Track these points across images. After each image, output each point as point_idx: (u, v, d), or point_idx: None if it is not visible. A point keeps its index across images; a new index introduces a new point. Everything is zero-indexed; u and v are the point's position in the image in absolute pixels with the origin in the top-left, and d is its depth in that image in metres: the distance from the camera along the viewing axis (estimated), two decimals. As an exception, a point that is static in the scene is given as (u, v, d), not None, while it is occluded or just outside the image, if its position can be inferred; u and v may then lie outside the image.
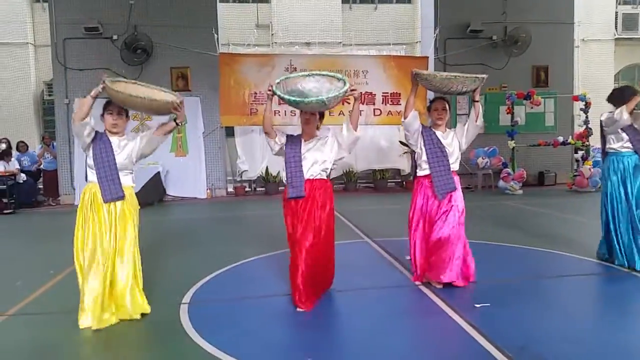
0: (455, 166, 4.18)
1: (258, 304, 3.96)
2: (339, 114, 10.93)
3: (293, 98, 3.54)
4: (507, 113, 11.81)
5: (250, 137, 12.53)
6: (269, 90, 3.65)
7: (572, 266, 4.86)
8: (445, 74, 3.93)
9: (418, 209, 4.20)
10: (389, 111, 12.06)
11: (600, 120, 4.84)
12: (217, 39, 11.38)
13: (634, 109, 4.59)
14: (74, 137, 3.38)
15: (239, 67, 11.38)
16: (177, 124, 3.74)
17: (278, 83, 3.67)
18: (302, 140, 3.92)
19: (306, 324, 3.47)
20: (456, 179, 4.18)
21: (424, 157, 4.14)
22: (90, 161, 3.59)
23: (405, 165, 13.31)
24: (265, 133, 3.90)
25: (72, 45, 11.17)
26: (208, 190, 11.84)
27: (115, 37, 11.07)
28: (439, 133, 4.19)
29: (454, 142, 4.20)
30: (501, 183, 11.20)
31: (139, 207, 3.76)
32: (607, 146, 4.83)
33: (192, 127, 11.65)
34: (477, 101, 4.11)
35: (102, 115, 3.67)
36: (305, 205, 3.77)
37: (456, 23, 12.29)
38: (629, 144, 4.69)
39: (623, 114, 4.50)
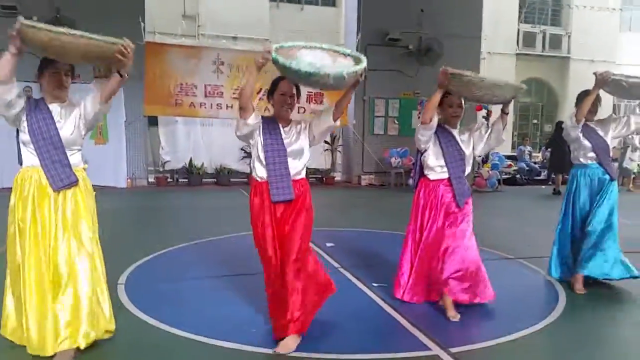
0: (468, 170, 3.75)
1: (194, 284, 4.28)
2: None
3: (305, 69, 2.76)
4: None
5: (174, 128, 12.55)
6: (265, 57, 2.85)
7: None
8: (494, 78, 3.47)
9: (424, 217, 3.78)
10: (312, 110, 12.58)
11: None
12: (144, 27, 11.30)
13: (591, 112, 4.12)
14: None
15: (165, 57, 11.39)
16: (121, 76, 2.92)
17: (277, 50, 2.88)
18: (281, 127, 3.17)
19: (246, 302, 3.83)
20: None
21: (441, 160, 3.64)
22: (26, 136, 2.77)
23: (324, 163, 13.86)
24: (241, 109, 3.00)
25: (-15, 22, 10.59)
26: (129, 180, 11.73)
27: (34, 17, 10.55)
28: (454, 132, 3.75)
29: (470, 143, 3.78)
30: (411, 181, 12.10)
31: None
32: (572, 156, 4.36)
33: (113, 114, 11.35)
34: (507, 113, 3.77)
35: (40, 77, 2.87)
36: (292, 212, 3.07)
37: (377, 30, 13.01)
38: (592, 154, 4.18)
39: (568, 121, 4.21)
